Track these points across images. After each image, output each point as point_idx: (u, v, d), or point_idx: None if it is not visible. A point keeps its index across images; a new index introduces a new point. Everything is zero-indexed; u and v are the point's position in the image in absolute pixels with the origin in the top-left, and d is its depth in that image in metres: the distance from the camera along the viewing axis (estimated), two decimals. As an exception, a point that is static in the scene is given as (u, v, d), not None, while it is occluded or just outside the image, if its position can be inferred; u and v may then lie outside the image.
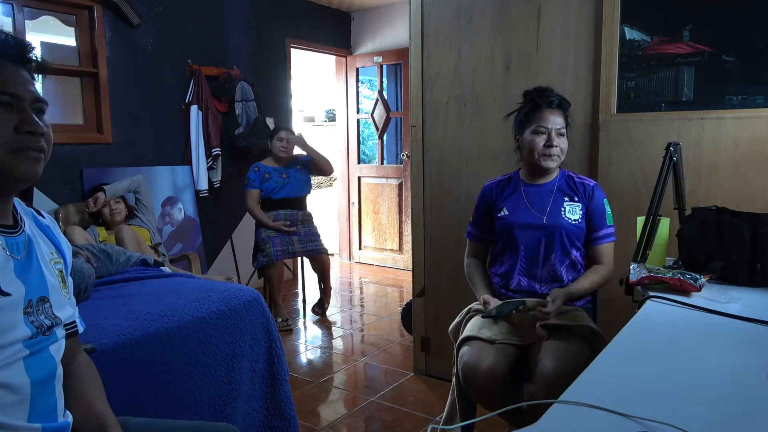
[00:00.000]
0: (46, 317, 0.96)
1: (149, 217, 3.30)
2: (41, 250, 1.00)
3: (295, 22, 4.83)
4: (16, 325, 0.90)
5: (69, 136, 3.31)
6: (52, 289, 0.99)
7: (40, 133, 0.92)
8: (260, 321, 2.01)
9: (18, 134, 0.89)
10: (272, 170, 3.78)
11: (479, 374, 1.65)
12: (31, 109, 0.92)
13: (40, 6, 3.18)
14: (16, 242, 0.94)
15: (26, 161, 0.91)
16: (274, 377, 2.02)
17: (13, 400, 0.89)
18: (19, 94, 0.90)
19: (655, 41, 2.16)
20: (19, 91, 0.91)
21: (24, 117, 0.90)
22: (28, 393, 0.91)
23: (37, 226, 1.04)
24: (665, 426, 0.77)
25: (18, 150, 0.89)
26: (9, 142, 0.88)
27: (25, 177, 0.92)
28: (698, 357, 1.08)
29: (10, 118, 0.89)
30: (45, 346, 0.96)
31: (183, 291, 2.02)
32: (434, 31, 2.61)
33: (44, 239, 1.04)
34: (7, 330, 0.88)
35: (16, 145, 0.89)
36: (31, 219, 1.04)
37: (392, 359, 3.10)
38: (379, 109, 5.36)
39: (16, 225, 0.97)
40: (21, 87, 0.91)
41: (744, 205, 1.85)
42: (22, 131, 0.90)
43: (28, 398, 0.91)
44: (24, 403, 0.91)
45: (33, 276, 0.95)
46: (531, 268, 1.85)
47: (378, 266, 5.43)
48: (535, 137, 1.82)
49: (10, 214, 0.96)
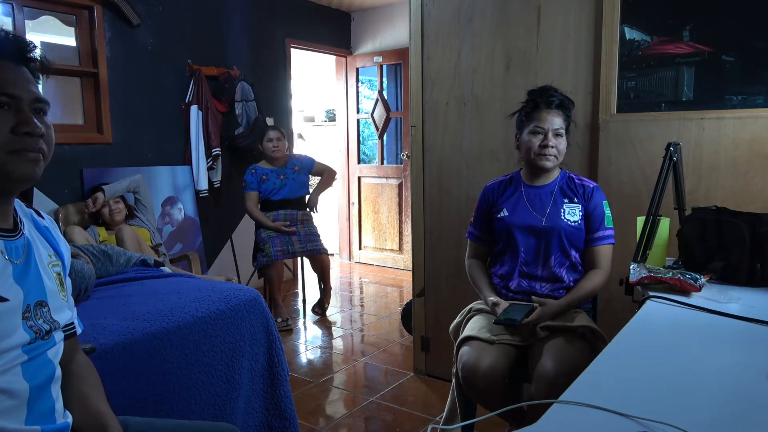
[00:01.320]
0: (45, 322, 0.95)
1: (149, 217, 3.30)
2: (40, 254, 0.99)
3: (295, 22, 4.83)
4: (14, 330, 0.89)
5: (69, 136, 3.31)
6: (50, 293, 0.98)
7: (38, 135, 0.90)
8: (260, 321, 2.01)
9: (15, 135, 0.88)
10: (269, 171, 3.78)
11: (479, 374, 1.65)
12: (31, 110, 0.90)
13: (40, 6, 3.18)
14: (15, 246, 0.94)
15: (25, 162, 0.89)
16: (274, 377, 2.02)
17: (11, 405, 0.89)
18: (17, 94, 0.89)
19: (655, 41, 2.16)
20: (18, 91, 0.89)
21: (22, 118, 0.89)
22: (26, 397, 0.91)
23: (36, 228, 1.04)
24: (665, 426, 0.77)
25: (16, 151, 0.88)
26: (6, 144, 0.87)
27: (24, 178, 0.91)
28: (698, 357, 1.08)
29: (8, 118, 0.88)
30: (43, 351, 0.95)
31: (183, 291, 2.02)
32: (434, 31, 2.61)
33: (43, 242, 1.03)
34: (5, 335, 0.87)
35: (14, 147, 0.88)
36: (30, 221, 1.03)
37: (392, 359, 3.10)
38: (379, 109, 5.35)
39: (16, 228, 0.96)
40: (20, 87, 0.90)
41: (744, 205, 1.85)
42: (20, 132, 0.88)
43: (25, 402, 0.91)
44: (22, 407, 0.90)
45: (31, 280, 0.94)
46: (531, 269, 1.85)
47: (378, 266, 5.43)
48: (532, 137, 1.82)
49: (10, 216, 0.95)
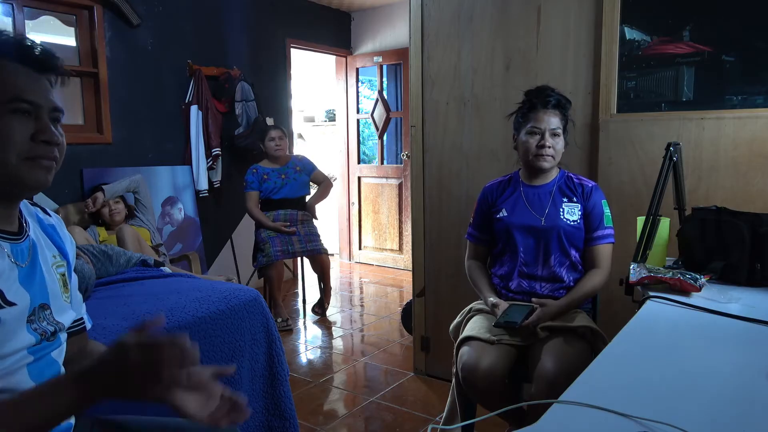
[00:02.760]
0: (49, 324, 0.96)
1: (149, 217, 3.30)
2: (44, 255, 1.00)
3: (295, 22, 4.83)
4: (20, 333, 0.90)
5: (69, 136, 3.20)
6: (53, 295, 0.99)
7: (56, 143, 0.92)
8: (260, 321, 2.01)
9: (34, 143, 0.89)
10: (270, 171, 3.79)
11: (479, 374, 1.65)
12: (48, 118, 0.92)
13: (40, 6, 3.18)
14: (20, 249, 0.94)
15: (38, 169, 0.90)
16: (274, 377, 2.02)
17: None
18: (38, 102, 0.90)
19: (655, 41, 2.16)
20: (39, 99, 0.90)
21: (41, 126, 0.90)
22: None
23: (41, 227, 1.04)
24: (665, 426, 0.77)
25: (32, 158, 0.89)
26: (24, 150, 0.88)
27: (37, 185, 0.92)
28: (698, 357, 1.08)
29: (29, 125, 0.89)
30: (48, 352, 0.96)
31: (183, 291, 2.02)
32: (434, 31, 2.61)
33: (47, 242, 1.03)
34: (12, 338, 0.88)
35: (30, 153, 0.89)
36: (36, 221, 1.03)
37: (392, 359, 3.10)
38: (379, 109, 5.35)
39: (21, 230, 0.96)
40: (41, 95, 0.91)
41: (744, 205, 1.85)
42: (39, 140, 0.89)
43: None
44: None
45: (36, 283, 0.95)
46: (531, 269, 1.85)
47: (378, 266, 5.43)
48: (529, 138, 1.83)
49: (16, 219, 0.96)
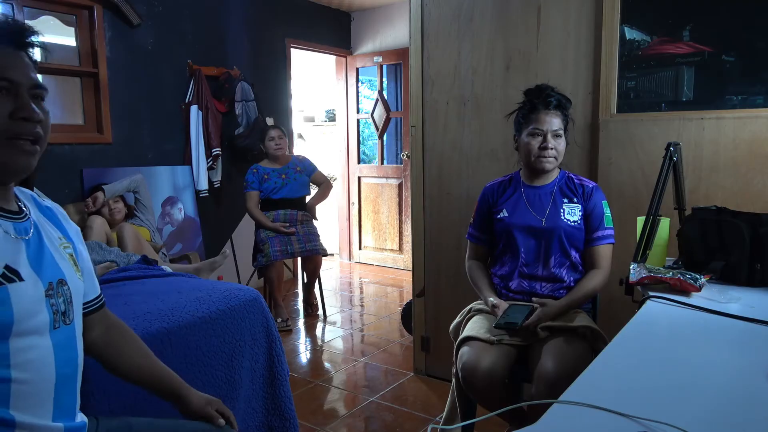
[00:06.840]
0: (65, 300, 0.95)
1: (149, 217, 3.30)
2: (49, 236, 0.98)
3: (295, 22, 4.83)
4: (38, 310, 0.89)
5: (69, 136, 3.31)
6: (68, 272, 0.97)
7: (36, 120, 0.89)
8: (260, 321, 2.01)
9: (13, 120, 0.87)
10: (271, 171, 3.79)
11: (479, 374, 1.65)
12: (29, 96, 0.90)
13: (40, 6, 3.18)
14: (24, 227, 0.93)
15: (19, 153, 0.88)
16: (274, 377, 2.02)
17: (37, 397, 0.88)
18: (16, 79, 0.88)
19: (655, 41, 2.16)
20: (17, 76, 0.88)
21: (20, 103, 0.88)
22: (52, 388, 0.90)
23: (40, 210, 1.03)
24: (665, 426, 0.77)
25: (13, 137, 0.87)
26: (3, 129, 0.86)
27: (19, 169, 0.90)
28: (698, 357, 1.08)
29: (6, 103, 0.87)
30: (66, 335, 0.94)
31: (183, 290, 2.02)
32: (434, 31, 2.61)
33: (50, 224, 1.02)
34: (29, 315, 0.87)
35: (9, 132, 0.87)
36: (34, 205, 1.02)
37: (392, 359, 3.10)
38: (379, 109, 5.35)
39: (21, 211, 0.95)
40: (19, 72, 0.89)
41: (744, 205, 1.85)
42: (17, 117, 0.87)
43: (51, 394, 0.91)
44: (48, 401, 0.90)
45: (46, 260, 0.94)
46: (531, 269, 1.85)
47: (378, 266, 5.43)
48: (531, 139, 1.82)
49: (12, 200, 0.94)
